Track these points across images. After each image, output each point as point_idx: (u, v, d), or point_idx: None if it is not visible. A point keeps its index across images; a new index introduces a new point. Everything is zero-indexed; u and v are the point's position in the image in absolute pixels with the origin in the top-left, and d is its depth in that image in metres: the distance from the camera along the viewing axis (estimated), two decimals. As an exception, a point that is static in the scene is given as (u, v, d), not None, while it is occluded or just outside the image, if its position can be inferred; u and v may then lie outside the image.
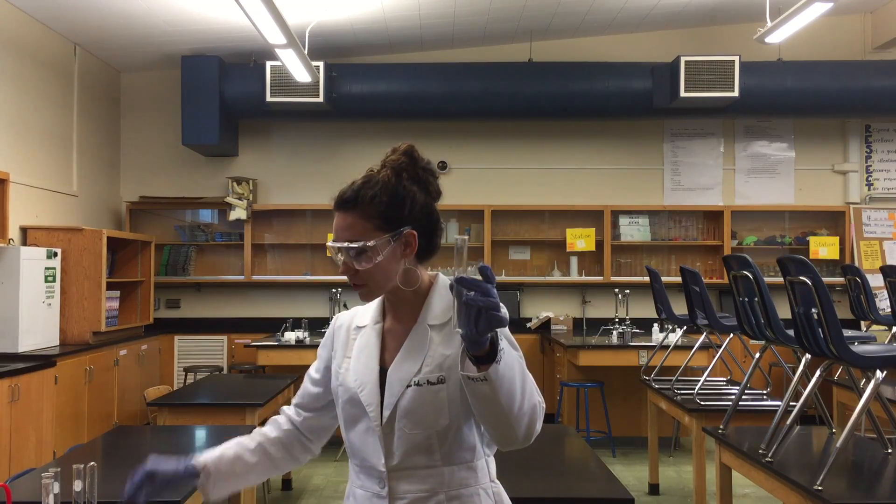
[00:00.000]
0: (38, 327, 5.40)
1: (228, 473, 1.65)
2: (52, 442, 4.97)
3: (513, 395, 1.37)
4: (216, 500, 1.66)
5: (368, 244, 1.53)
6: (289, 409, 1.76)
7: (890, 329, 4.79)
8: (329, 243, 1.57)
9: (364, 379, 1.59)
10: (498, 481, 1.61)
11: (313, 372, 1.75)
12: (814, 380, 2.95)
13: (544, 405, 1.48)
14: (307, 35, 6.12)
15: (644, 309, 7.00)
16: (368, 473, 1.57)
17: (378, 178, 1.56)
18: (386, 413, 1.54)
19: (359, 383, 1.59)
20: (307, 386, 1.74)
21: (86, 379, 5.52)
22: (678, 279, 5.11)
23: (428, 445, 1.53)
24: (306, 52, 5.89)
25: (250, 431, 1.74)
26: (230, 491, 1.67)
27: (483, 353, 1.32)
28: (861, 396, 2.73)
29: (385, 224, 1.54)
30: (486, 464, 1.58)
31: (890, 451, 3.01)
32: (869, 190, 7.70)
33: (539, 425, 1.45)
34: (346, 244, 1.54)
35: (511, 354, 1.40)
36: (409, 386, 1.54)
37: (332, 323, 1.77)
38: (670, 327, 5.62)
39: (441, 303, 1.62)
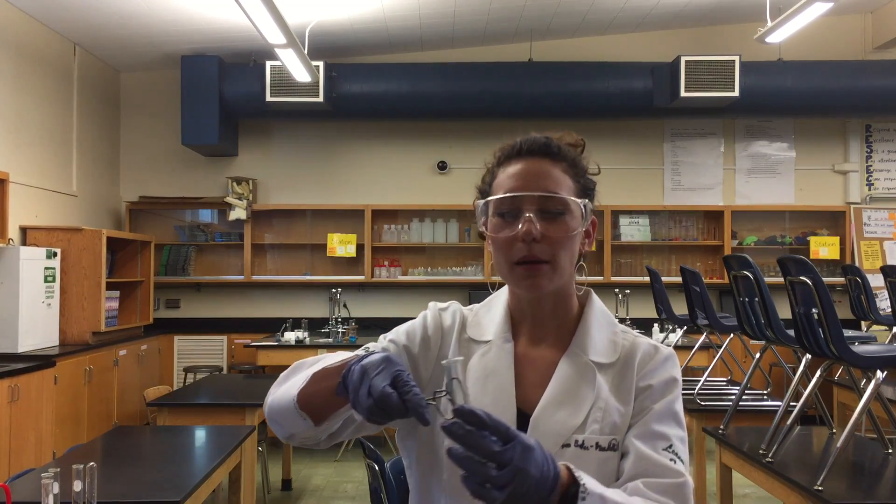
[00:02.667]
0: (37, 327, 5.40)
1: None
2: (51, 442, 4.97)
3: None
4: None
5: (578, 201, 1.18)
6: None
7: (890, 329, 4.79)
8: (519, 192, 1.17)
9: None
10: None
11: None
12: (814, 380, 2.94)
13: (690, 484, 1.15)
14: (307, 35, 6.12)
15: (644, 309, 7.00)
16: None
17: (571, 143, 1.25)
18: None
19: None
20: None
21: (85, 379, 5.52)
22: (678, 279, 5.11)
23: None
24: (306, 51, 5.89)
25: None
26: None
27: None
28: (861, 396, 2.73)
29: (583, 192, 1.22)
30: None
31: (890, 451, 3.01)
32: (869, 190, 7.70)
33: None
34: (555, 193, 1.16)
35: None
36: (566, 446, 1.12)
37: (434, 314, 1.30)
38: (670, 327, 5.62)
39: (602, 332, 1.22)
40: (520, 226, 1.15)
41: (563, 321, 1.22)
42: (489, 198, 1.22)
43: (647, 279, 5.46)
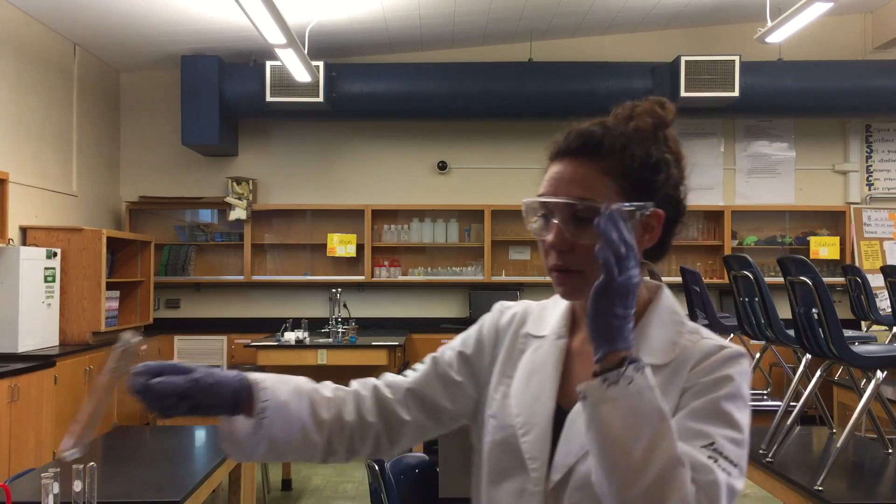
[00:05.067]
0: (37, 327, 5.40)
1: (287, 419, 1.14)
2: (51, 442, 4.96)
3: (623, 440, 0.93)
4: (252, 453, 1.16)
5: (613, 207, 1.03)
6: (379, 383, 1.25)
7: (890, 329, 4.79)
8: (542, 198, 1.11)
9: (532, 419, 1.13)
10: None
11: (450, 368, 1.24)
12: (814, 380, 2.94)
13: (720, 484, 0.95)
14: (307, 35, 6.12)
15: (644, 309, 6.99)
16: None
17: (632, 127, 1.16)
18: (555, 477, 1.08)
19: (522, 422, 1.14)
20: (431, 377, 1.24)
21: (85, 379, 5.51)
22: (678, 279, 5.11)
23: None
24: (306, 51, 5.89)
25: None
26: (268, 451, 1.15)
27: (611, 365, 0.95)
28: (861, 396, 2.73)
29: (632, 190, 1.10)
30: None
31: (890, 451, 3.01)
32: (869, 190, 7.70)
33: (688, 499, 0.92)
34: (575, 200, 1.08)
35: (648, 398, 0.93)
36: None
37: (494, 315, 1.28)
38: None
39: (663, 332, 1.13)
40: (550, 235, 1.09)
41: None
42: (526, 199, 1.13)
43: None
